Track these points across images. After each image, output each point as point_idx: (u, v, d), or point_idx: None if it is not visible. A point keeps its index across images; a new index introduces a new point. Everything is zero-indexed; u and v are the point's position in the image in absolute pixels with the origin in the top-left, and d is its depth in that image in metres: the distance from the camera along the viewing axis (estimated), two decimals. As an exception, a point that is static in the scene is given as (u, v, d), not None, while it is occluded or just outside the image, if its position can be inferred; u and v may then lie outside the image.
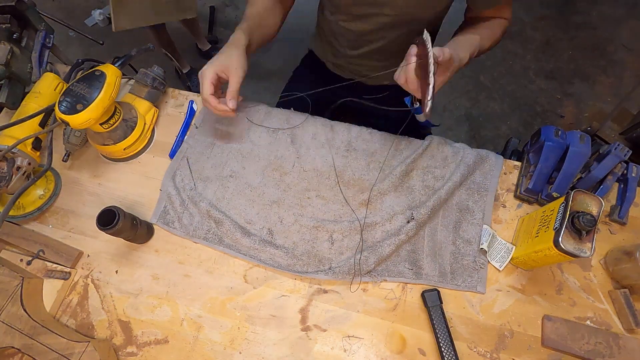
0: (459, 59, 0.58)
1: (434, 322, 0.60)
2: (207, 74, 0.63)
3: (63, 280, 0.64)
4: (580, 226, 0.52)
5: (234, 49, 0.66)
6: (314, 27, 0.95)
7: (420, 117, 0.60)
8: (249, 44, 0.68)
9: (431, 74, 0.49)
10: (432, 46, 0.50)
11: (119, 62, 0.70)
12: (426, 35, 0.50)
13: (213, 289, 0.64)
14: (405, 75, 0.55)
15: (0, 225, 0.58)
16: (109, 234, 0.58)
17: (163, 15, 1.36)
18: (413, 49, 0.54)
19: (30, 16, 0.78)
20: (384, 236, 0.66)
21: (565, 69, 1.90)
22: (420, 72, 0.53)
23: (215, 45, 1.98)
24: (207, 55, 1.94)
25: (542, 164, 0.67)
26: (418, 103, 0.60)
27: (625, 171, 0.68)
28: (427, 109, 0.53)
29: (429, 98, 0.51)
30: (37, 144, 0.68)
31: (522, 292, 0.64)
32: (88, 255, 0.66)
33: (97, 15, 2.03)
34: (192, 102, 0.80)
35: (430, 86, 0.50)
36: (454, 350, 0.58)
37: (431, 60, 0.48)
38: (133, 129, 0.71)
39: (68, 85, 0.62)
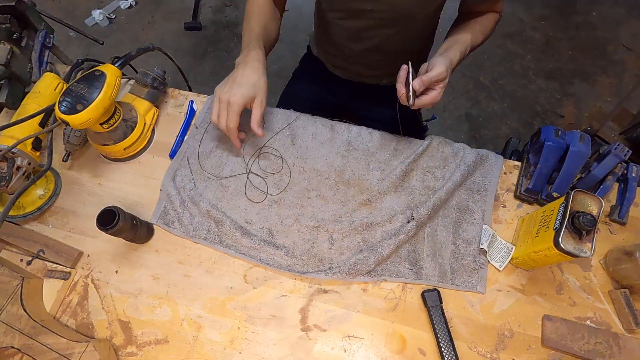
0: (447, 70, 0.63)
1: (434, 322, 0.60)
2: (237, 107, 0.62)
3: (63, 280, 0.64)
4: (580, 226, 0.52)
5: (257, 74, 0.65)
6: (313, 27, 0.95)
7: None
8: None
9: (410, 102, 0.62)
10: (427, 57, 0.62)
11: (119, 62, 0.70)
12: (409, 66, 0.63)
13: (213, 289, 0.64)
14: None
15: (0, 225, 0.58)
16: (109, 234, 0.58)
17: None
18: (403, 71, 0.63)
19: (30, 16, 0.78)
20: (384, 236, 0.66)
21: (565, 69, 1.90)
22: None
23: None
24: None
25: (542, 164, 0.67)
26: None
27: (625, 171, 0.68)
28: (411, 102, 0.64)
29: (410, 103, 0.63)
30: (37, 144, 0.68)
31: (522, 292, 0.64)
32: (88, 255, 0.66)
33: (97, 15, 2.03)
34: (192, 102, 0.80)
35: (410, 102, 0.63)
36: (454, 350, 0.58)
37: (411, 92, 0.61)
38: (133, 129, 0.71)
39: (68, 85, 0.62)
